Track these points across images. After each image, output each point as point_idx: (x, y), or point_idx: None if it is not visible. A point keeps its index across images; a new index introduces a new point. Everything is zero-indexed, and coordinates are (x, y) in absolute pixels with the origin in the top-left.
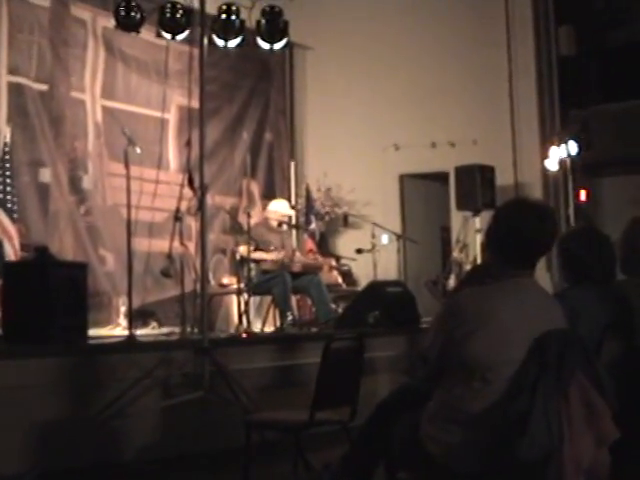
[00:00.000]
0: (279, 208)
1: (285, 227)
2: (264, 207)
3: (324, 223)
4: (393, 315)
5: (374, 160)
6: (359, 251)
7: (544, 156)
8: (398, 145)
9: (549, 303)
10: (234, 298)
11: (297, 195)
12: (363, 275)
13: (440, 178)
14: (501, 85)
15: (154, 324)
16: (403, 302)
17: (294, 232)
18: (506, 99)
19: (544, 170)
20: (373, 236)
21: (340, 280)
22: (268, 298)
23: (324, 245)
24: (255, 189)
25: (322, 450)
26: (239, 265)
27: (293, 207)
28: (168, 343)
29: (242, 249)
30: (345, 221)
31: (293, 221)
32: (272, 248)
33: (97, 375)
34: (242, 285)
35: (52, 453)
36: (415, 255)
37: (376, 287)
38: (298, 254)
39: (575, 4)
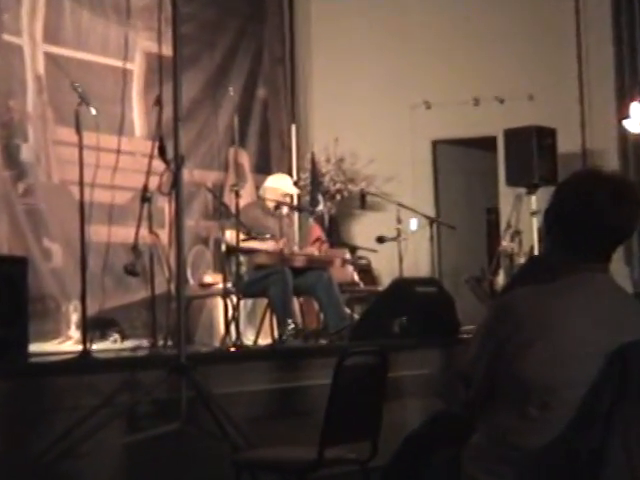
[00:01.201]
0: (277, 185)
1: (285, 210)
2: (257, 184)
3: (335, 204)
4: (425, 322)
5: (399, 122)
6: (380, 240)
7: (622, 115)
8: (430, 103)
9: (629, 306)
10: (219, 302)
11: (300, 168)
12: (386, 271)
13: (485, 144)
14: (566, 25)
15: (115, 336)
16: (438, 306)
17: (296, 216)
18: (572, 42)
19: (622, 133)
20: (399, 221)
21: (356, 278)
22: (263, 301)
23: (335, 233)
24: (245, 161)
25: None
26: (225, 259)
27: (295, 184)
28: (134, 361)
29: (229, 238)
30: (362, 201)
31: (295, 202)
32: (268, 237)
33: (41, 403)
34: (229, 285)
35: None
36: (453, 245)
37: (403, 286)
38: (300, 246)
39: None
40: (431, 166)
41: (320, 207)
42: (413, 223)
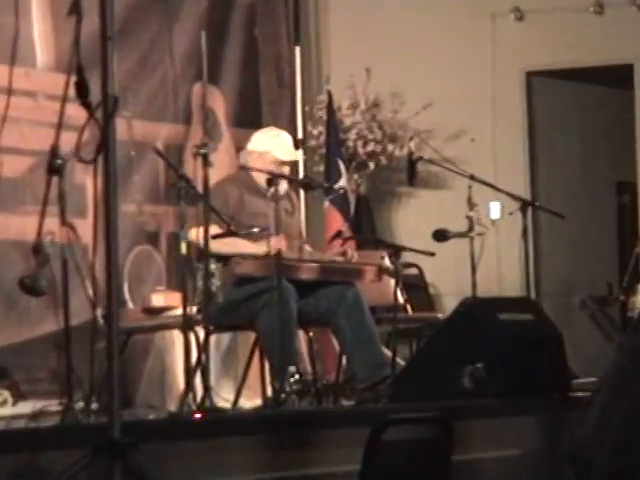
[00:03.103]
0: (270, 147)
1: (284, 187)
2: (239, 146)
3: (366, 178)
4: (513, 372)
5: (473, 44)
6: (441, 236)
7: None
8: (523, 10)
9: None
10: (177, 337)
11: (308, 119)
12: (449, 287)
13: (613, 78)
14: None
15: (4, 395)
16: (535, 344)
17: (303, 197)
18: None
19: None
20: (470, 205)
21: (401, 298)
22: (249, 337)
23: (367, 224)
24: (219, 107)
25: None
26: (187, 268)
27: (300, 144)
28: (37, 435)
29: (194, 234)
30: (411, 173)
31: (300, 174)
32: (256, 231)
33: None
34: (194, 310)
35: None
36: (559, 244)
37: (477, 313)
38: (308, 246)
39: None
40: (524, 115)
41: (342, 182)
42: (494, 209)
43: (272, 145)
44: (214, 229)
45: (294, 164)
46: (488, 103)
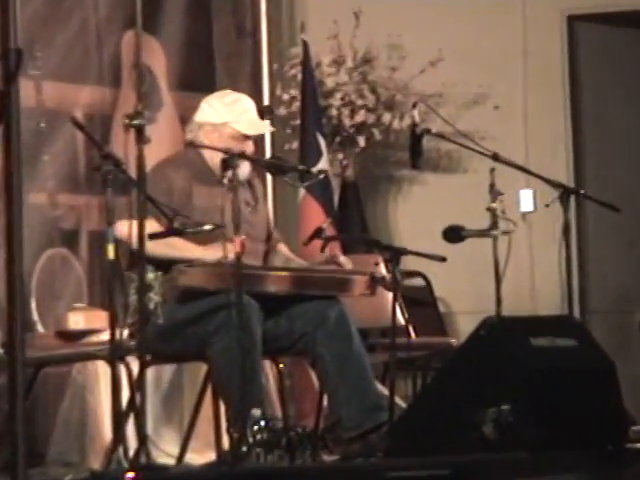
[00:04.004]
0: (226, 117)
1: (245, 170)
2: (185, 115)
3: (354, 158)
4: (551, 417)
5: None
6: (454, 235)
7: None
8: None
9: None
10: (102, 371)
11: (277, 79)
12: (465, 301)
13: None
14: None
15: None
16: (580, 378)
17: (270, 184)
18: None
19: None
20: (494, 194)
21: (401, 318)
22: (198, 369)
23: (355, 219)
24: (157, 62)
25: None
26: (116, 277)
27: (267, 113)
28: None
29: (125, 232)
30: (415, 152)
31: (267, 153)
32: (208, 228)
33: None
34: (124, 334)
35: None
36: (611, 244)
37: (503, 335)
38: (284, 247)
39: None
40: (564, 73)
41: (322, 164)
42: (525, 199)
43: (230, 114)
44: (152, 226)
45: (259, 139)
46: (518, 58)
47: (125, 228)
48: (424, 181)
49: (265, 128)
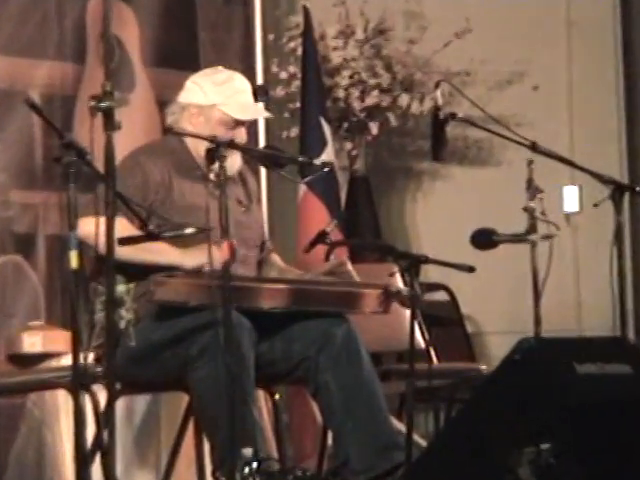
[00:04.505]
0: (217, 97)
1: (236, 163)
2: (163, 97)
3: (365, 148)
4: (601, 458)
5: None
6: (484, 240)
7: None
8: None
9: None
10: (64, 402)
11: (271, 53)
12: (498, 319)
13: None
14: None
15: None
16: (636, 412)
17: (264, 178)
18: None
19: None
20: (532, 191)
21: (420, 338)
22: (179, 400)
23: (366, 220)
24: (130, 34)
25: None
26: (79, 290)
27: (260, 94)
28: None
29: (89, 236)
30: (438, 140)
31: (261, 141)
32: (191, 232)
33: None
34: (90, 358)
35: None
36: None
37: (543, 360)
38: (277, 258)
39: None
40: (617, 45)
41: (326, 155)
42: (570, 197)
43: (220, 95)
44: (123, 229)
45: (252, 127)
46: (560, 27)
47: (90, 227)
48: (448, 175)
49: (260, 113)
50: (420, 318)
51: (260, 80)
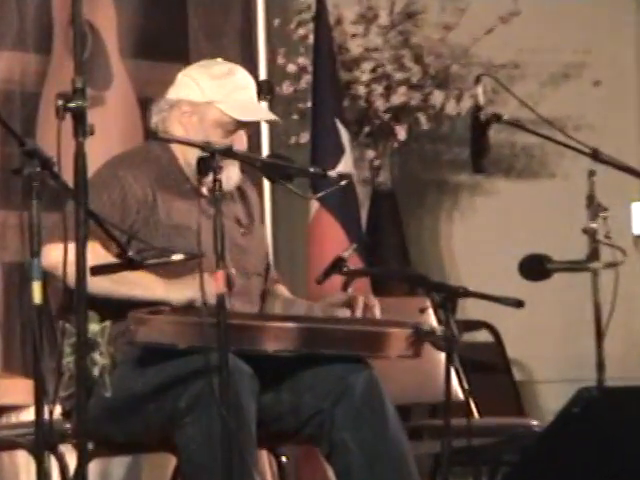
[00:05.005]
0: (216, 94)
1: (234, 175)
2: (144, 94)
3: (391, 157)
4: None
5: None
6: (536, 269)
7: None
8: None
9: None
10: (25, 464)
11: (277, 42)
12: (552, 365)
13: None
14: None
15: None
16: None
17: (267, 193)
18: None
19: None
20: (594, 209)
21: (458, 389)
22: (162, 463)
23: (391, 244)
24: (105, 19)
25: None
26: (43, 328)
27: (262, 88)
28: None
29: (55, 263)
30: (479, 147)
31: (264, 148)
32: (179, 258)
33: None
34: (57, 412)
35: None
36: None
37: (608, 414)
38: (284, 290)
39: None
40: None
41: (344, 166)
42: (639, 217)
43: (218, 91)
44: (97, 255)
45: (253, 131)
46: (629, 11)
47: (57, 254)
48: (492, 190)
49: (266, 114)
50: (458, 363)
51: (263, 75)
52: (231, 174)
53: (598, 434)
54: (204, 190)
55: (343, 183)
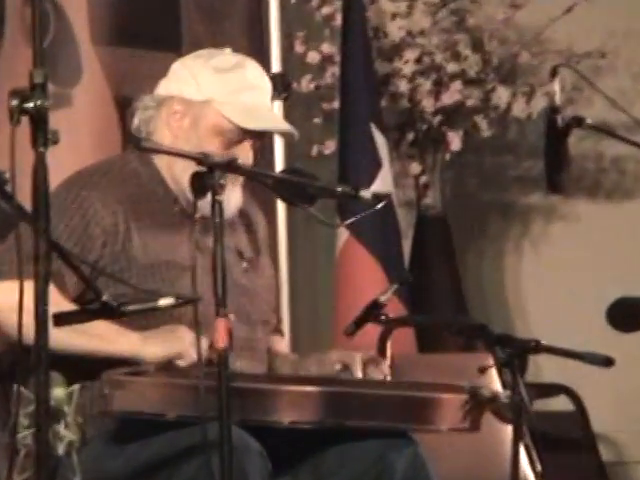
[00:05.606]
0: (217, 92)
1: (235, 196)
2: (122, 92)
3: (441, 172)
4: None
5: None
6: (628, 317)
7: None
8: None
9: None
10: None
11: (294, 27)
12: None
13: None
14: None
15: None
16: None
17: (282, 219)
18: None
19: None
20: None
21: (528, 469)
22: None
23: (443, 283)
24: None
25: None
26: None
27: (276, 82)
28: None
29: (6, 302)
30: (556, 160)
31: (278, 161)
32: (166, 303)
33: None
34: None
35: None
36: None
37: None
38: (277, 340)
39: None
40: None
41: (381, 182)
42: None
43: (220, 87)
44: (59, 300)
45: (263, 140)
46: None
47: (10, 297)
48: (572, 214)
49: (279, 123)
50: (528, 439)
51: (276, 67)
52: (231, 196)
53: None
54: (197, 215)
55: (380, 206)
